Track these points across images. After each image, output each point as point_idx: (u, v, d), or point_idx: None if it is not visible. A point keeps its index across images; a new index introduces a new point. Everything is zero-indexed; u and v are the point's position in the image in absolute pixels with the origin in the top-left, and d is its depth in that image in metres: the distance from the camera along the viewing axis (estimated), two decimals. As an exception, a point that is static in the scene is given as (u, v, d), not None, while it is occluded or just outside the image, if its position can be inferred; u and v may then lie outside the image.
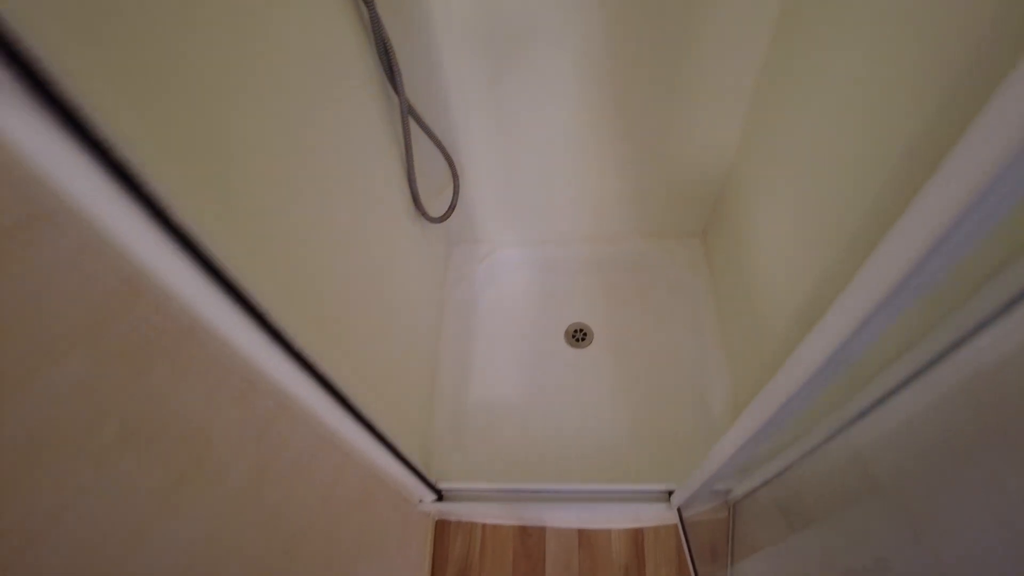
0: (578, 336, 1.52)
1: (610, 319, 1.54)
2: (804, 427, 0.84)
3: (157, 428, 0.44)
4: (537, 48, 1.09)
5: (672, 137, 1.26)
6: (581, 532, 1.32)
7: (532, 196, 1.45)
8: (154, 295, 0.43)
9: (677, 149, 1.29)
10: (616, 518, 1.29)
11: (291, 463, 0.65)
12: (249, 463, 0.56)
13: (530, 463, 1.33)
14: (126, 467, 0.41)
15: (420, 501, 1.19)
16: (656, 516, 1.26)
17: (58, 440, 0.36)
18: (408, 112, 1.07)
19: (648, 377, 1.43)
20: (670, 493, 1.15)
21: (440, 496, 1.20)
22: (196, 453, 0.48)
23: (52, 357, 0.35)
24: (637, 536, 1.31)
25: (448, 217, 1.29)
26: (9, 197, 0.33)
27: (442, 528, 1.36)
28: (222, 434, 0.52)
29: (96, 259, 0.38)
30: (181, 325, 0.46)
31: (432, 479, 1.17)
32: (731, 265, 1.33)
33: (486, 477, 1.24)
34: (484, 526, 1.35)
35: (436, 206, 1.31)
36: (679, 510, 1.13)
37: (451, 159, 1.23)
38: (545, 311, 1.58)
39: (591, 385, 1.44)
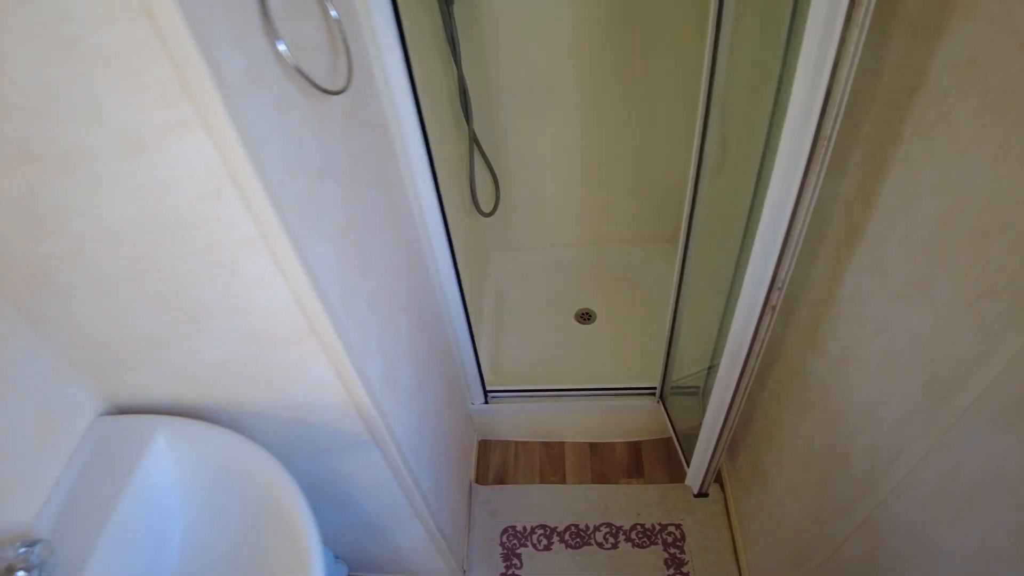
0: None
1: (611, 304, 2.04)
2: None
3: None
4: (555, 96, 1.72)
5: (643, 160, 1.86)
6: (592, 444, 1.73)
7: (548, 206, 2.03)
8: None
9: (648, 170, 1.88)
10: (619, 431, 1.70)
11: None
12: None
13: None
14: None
15: (472, 403, 1.63)
16: (649, 427, 1.68)
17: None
18: (473, 138, 1.67)
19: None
20: (653, 390, 1.59)
21: (487, 399, 1.63)
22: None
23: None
24: (635, 446, 1.71)
25: (493, 214, 1.86)
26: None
27: (483, 446, 1.76)
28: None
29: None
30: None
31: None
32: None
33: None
34: (516, 443, 1.76)
35: (485, 206, 1.87)
36: (662, 399, 1.56)
37: (496, 175, 1.82)
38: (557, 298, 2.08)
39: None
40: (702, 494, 1.45)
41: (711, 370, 1.48)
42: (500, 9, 1.52)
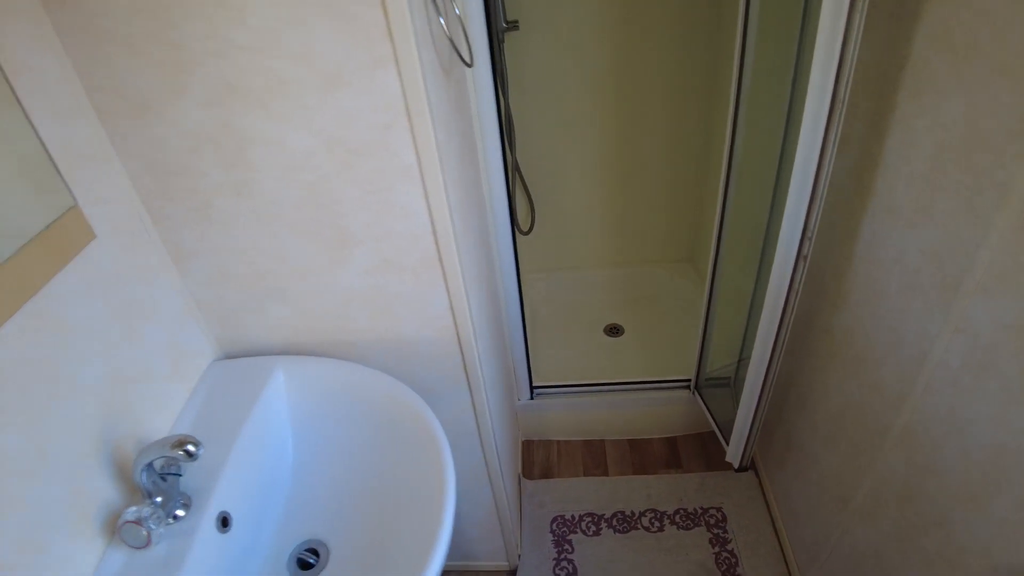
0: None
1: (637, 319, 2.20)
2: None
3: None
4: (584, 129, 1.96)
5: (663, 186, 2.08)
6: (631, 441, 1.84)
7: (576, 228, 2.23)
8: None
9: (668, 195, 2.10)
10: (655, 427, 1.82)
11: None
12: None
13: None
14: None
15: (519, 399, 1.75)
16: (684, 421, 1.80)
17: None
18: (515, 165, 1.89)
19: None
20: (688, 382, 1.72)
21: (532, 394, 1.76)
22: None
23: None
24: (671, 441, 1.82)
25: (530, 232, 2.05)
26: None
27: (526, 446, 1.86)
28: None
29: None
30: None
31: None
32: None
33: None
34: (558, 442, 1.86)
35: (523, 226, 2.07)
36: (698, 390, 1.70)
37: (531, 198, 2.03)
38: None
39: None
40: (743, 468, 1.56)
41: (740, 361, 1.63)
42: (539, 47, 1.78)
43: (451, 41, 0.81)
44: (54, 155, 0.70)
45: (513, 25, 1.67)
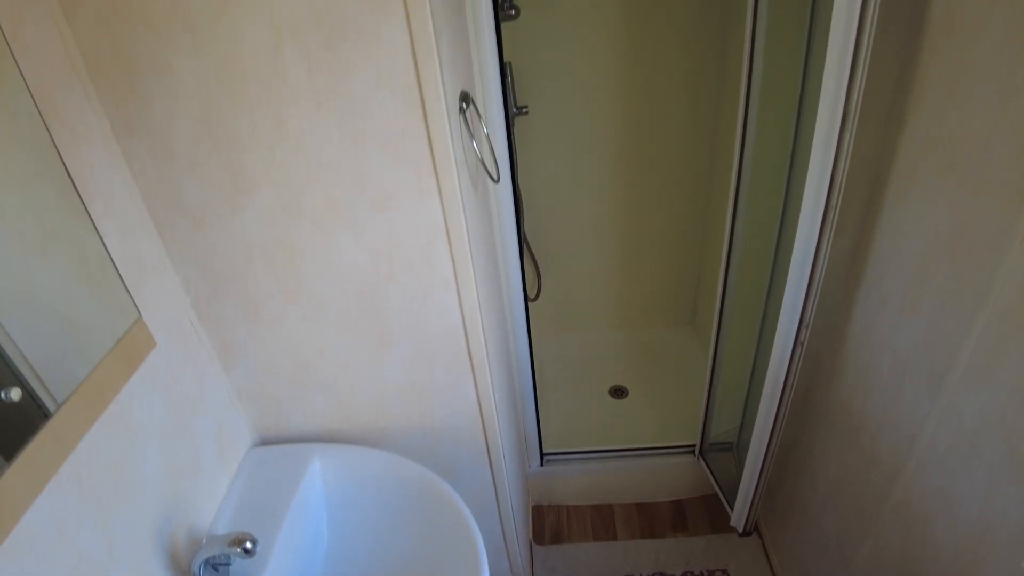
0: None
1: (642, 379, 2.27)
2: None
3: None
4: (587, 205, 2.07)
5: (664, 252, 2.18)
6: (638, 505, 1.88)
7: (580, 293, 2.32)
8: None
9: (668, 261, 2.21)
10: (662, 490, 1.87)
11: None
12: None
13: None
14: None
15: (529, 466, 1.80)
16: (689, 485, 1.85)
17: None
18: (523, 237, 1.99)
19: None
20: (693, 447, 1.79)
21: (543, 461, 1.81)
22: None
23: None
24: (678, 504, 1.87)
25: (537, 299, 2.14)
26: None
27: (536, 511, 1.90)
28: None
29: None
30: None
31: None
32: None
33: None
34: (568, 507, 1.91)
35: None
36: (702, 456, 1.76)
37: (538, 266, 2.13)
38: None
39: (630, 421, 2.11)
40: (747, 533, 1.60)
41: (742, 426, 1.70)
42: (546, 127, 1.91)
43: (482, 162, 0.91)
44: (122, 271, 0.77)
45: (522, 111, 1.80)
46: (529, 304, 2.20)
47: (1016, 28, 0.74)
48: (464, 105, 0.87)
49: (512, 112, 1.74)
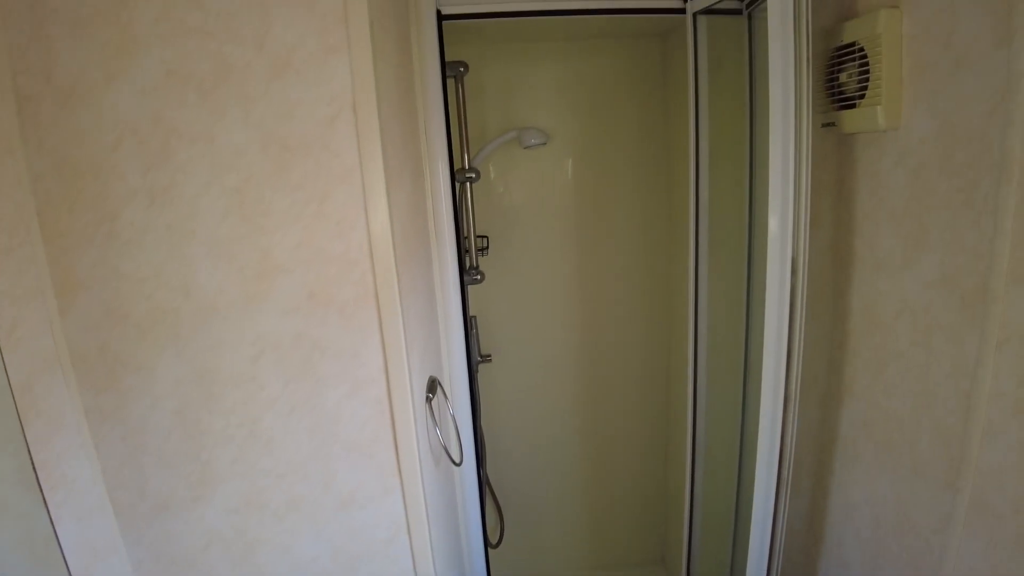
0: None
1: None
2: None
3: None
4: (551, 443, 2.09)
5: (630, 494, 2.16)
6: None
7: (546, 538, 2.20)
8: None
9: (635, 502, 2.17)
10: None
11: None
12: None
13: None
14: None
15: None
16: None
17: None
18: (486, 480, 1.97)
19: None
20: None
21: None
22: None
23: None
24: None
25: (498, 546, 2.03)
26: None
27: None
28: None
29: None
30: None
31: None
32: None
33: None
34: None
35: (492, 538, 2.05)
36: None
37: (501, 511, 2.06)
38: None
39: None
40: None
41: None
42: (507, 374, 2.00)
43: (445, 449, 0.95)
44: (68, 557, 0.75)
45: (486, 358, 1.91)
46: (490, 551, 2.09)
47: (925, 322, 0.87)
48: (430, 394, 0.94)
49: (476, 360, 1.84)
